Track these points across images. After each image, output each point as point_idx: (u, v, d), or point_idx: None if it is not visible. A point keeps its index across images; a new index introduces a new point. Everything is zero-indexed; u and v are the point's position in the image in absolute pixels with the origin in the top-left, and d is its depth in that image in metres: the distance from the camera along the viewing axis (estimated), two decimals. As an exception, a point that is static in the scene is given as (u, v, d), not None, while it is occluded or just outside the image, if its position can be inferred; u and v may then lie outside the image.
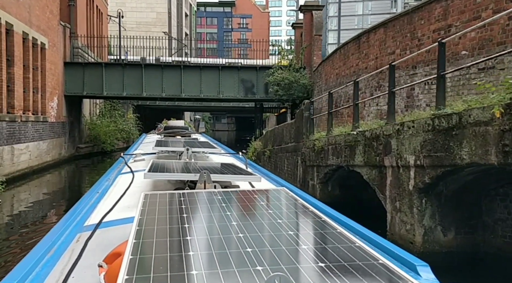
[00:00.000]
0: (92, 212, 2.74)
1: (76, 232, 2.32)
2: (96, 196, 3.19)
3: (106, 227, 2.34)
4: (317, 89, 19.50)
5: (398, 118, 7.65)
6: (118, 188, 3.41)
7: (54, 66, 20.51)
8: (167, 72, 22.76)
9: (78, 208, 2.83)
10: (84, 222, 2.53)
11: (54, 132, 20.53)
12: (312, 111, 11.38)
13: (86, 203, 2.98)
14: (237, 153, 6.17)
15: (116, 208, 2.74)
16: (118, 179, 3.84)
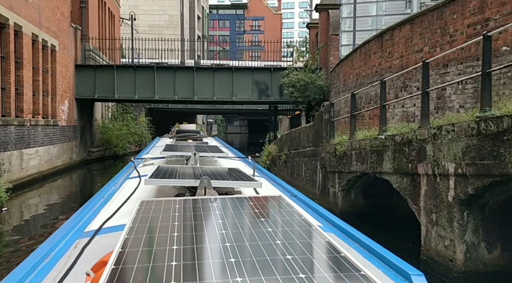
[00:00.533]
0: (94, 217, 2.69)
1: (76, 238, 2.28)
2: (101, 201, 3.14)
3: (106, 233, 2.29)
4: (334, 90, 18.79)
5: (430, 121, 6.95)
6: (124, 193, 3.34)
7: (65, 69, 20.16)
8: (180, 74, 22.26)
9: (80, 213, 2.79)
10: (85, 227, 2.48)
11: (65, 136, 20.15)
12: (332, 113, 10.70)
13: (90, 208, 2.93)
14: (246, 157, 6.07)
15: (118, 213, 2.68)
16: (125, 184, 3.80)
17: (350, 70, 15.00)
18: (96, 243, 2.15)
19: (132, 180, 3.92)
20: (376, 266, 1.82)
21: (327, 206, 10.68)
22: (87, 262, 1.87)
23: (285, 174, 15.40)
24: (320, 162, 11.17)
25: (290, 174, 14.45)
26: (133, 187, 3.46)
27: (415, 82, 9.70)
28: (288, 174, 14.84)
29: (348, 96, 11.81)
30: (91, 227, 2.48)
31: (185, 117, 54.96)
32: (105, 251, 1.89)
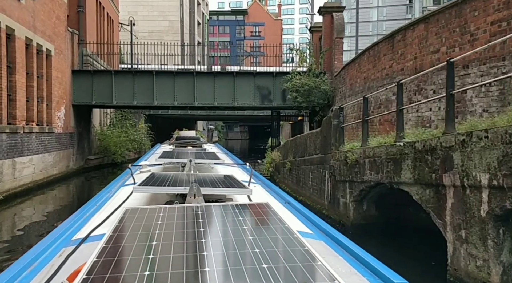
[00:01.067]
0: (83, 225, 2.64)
1: (63, 246, 2.25)
2: (93, 209, 3.09)
3: (92, 242, 2.22)
4: (339, 95, 18.16)
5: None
6: (117, 200, 3.29)
7: (61, 74, 19.56)
8: (180, 79, 21.66)
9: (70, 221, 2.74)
10: (73, 236, 2.44)
11: (61, 143, 19.51)
12: (342, 118, 10.05)
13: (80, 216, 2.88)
14: (244, 163, 6.00)
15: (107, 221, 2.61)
16: (119, 191, 3.77)
17: (357, 73, 14.38)
18: (81, 252, 2.10)
19: (126, 187, 3.87)
20: (361, 273, 1.83)
21: (337, 218, 9.99)
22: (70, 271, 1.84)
23: (290, 183, 14.73)
24: (328, 170, 10.51)
25: (296, 183, 13.78)
26: (126, 195, 3.38)
27: (431, 84, 9.06)
28: (293, 183, 14.17)
29: (357, 101, 11.19)
30: (78, 235, 2.43)
31: (185, 123, 54.40)
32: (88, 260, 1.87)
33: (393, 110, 8.81)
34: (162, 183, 2.98)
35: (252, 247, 1.66)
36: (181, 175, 3.50)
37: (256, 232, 1.88)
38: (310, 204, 12.04)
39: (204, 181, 3.12)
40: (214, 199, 2.89)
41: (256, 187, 3.81)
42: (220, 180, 3.31)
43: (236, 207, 2.31)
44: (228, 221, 2.05)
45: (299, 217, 2.85)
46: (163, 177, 3.32)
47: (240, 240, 1.74)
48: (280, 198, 3.57)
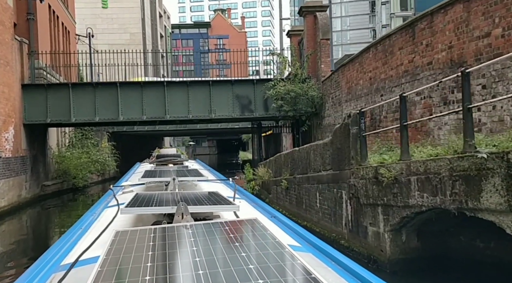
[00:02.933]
0: (71, 250, 2.58)
1: (52, 272, 2.20)
2: (78, 232, 3.02)
3: (82, 266, 2.16)
4: (330, 101, 16.28)
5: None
6: (102, 223, 3.23)
7: (8, 89, 16.75)
8: (148, 91, 19.24)
9: (57, 246, 2.68)
10: (62, 261, 2.38)
11: (10, 169, 16.60)
12: (363, 125, 8.05)
13: (67, 240, 2.83)
14: (227, 179, 5.92)
15: (95, 245, 2.55)
16: (104, 213, 3.69)
17: (359, 74, 12.52)
18: (71, 277, 2.05)
19: (110, 208, 3.80)
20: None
21: (365, 251, 7.90)
22: None
23: (287, 204, 12.58)
24: (347, 190, 8.45)
25: (296, 205, 11.64)
26: (111, 217, 3.33)
27: (479, 78, 7.21)
28: (292, 205, 12.03)
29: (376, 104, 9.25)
30: (67, 260, 2.37)
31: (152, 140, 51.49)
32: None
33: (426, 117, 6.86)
34: (148, 204, 2.94)
35: (246, 263, 1.68)
36: (166, 194, 3.46)
37: (249, 248, 1.90)
38: (319, 231, 9.93)
39: (190, 199, 3.10)
40: (202, 217, 2.85)
41: (242, 202, 3.77)
42: (205, 197, 3.29)
43: (225, 224, 2.33)
44: (219, 238, 2.07)
45: (286, 230, 2.85)
46: (148, 197, 3.28)
47: (234, 257, 1.76)
48: (266, 212, 3.53)
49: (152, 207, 2.83)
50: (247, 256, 1.76)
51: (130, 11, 55.55)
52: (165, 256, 1.82)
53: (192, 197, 3.23)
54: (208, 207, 2.86)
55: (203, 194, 3.47)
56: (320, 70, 18.19)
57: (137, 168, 8.54)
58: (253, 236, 2.09)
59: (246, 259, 1.72)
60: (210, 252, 1.84)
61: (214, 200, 3.13)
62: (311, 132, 18.96)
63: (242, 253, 1.81)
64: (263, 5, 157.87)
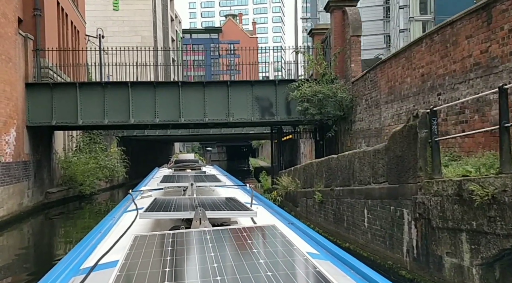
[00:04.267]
0: (90, 254, 2.61)
1: (72, 275, 2.22)
2: (98, 237, 3.04)
3: (101, 270, 2.18)
4: (364, 103, 14.65)
5: None
6: (121, 227, 3.23)
7: (10, 88, 15.36)
8: (161, 91, 17.75)
9: (77, 250, 2.72)
10: (81, 264, 2.42)
11: (10, 176, 15.17)
12: (436, 128, 6.41)
13: (86, 244, 2.85)
14: (244, 184, 5.92)
15: (114, 249, 2.58)
16: (123, 217, 3.68)
17: (405, 71, 10.88)
18: (91, 281, 2.06)
19: (129, 213, 3.79)
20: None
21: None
22: None
23: (321, 221, 10.93)
24: (412, 209, 6.81)
25: (334, 222, 9.98)
26: (130, 221, 3.34)
27: None
28: (328, 222, 10.38)
29: (453, 102, 7.64)
30: (86, 264, 2.40)
31: (162, 146, 50.09)
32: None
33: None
34: (166, 209, 2.94)
35: (264, 271, 1.66)
36: (184, 200, 3.46)
37: (266, 255, 1.88)
38: (367, 256, 8.27)
39: (208, 204, 3.09)
40: (219, 222, 2.84)
41: (259, 208, 3.68)
42: (223, 202, 3.27)
43: (243, 230, 2.32)
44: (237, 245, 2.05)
45: (304, 237, 2.81)
46: (167, 202, 3.28)
47: (252, 264, 1.75)
48: (283, 219, 3.49)
49: (170, 212, 2.84)
50: (265, 263, 1.75)
51: (142, 13, 54.60)
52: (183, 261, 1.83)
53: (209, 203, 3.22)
54: (226, 212, 2.84)
55: (221, 200, 3.45)
56: (349, 70, 16.58)
57: (156, 173, 8.55)
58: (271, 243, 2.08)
59: (264, 266, 1.71)
60: (228, 258, 1.84)
61: (232, 205, 3.12)
62: (338, 138, 17.32)
63: (260, 259, 1.80)
64: (274, 11, 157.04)
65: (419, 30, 50.37)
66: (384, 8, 72.22)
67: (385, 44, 68.53)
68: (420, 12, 49.76)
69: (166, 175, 6.14)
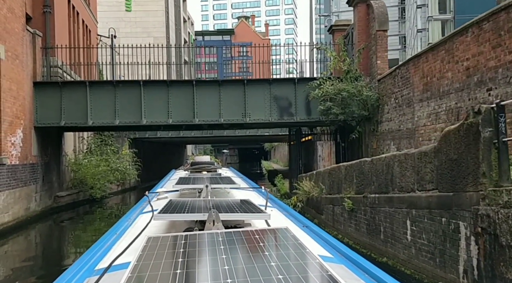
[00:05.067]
0: (105, 254, 2.63)
1: (86, 276, 2.24)
2: (113, 238, 3.06)
3: (115, 271, 2.17)
4: (393, 102, 13.58)
5: None
6: (136, 228, 3.27)
7: (17, 86, 14.61)
8: (175, 90, 16.88)
9: (92, 251, 2.73)
10: (96, 265, 2.43)
11: (16, 179, 14.40)
12: (504, 127, 5.37)
13: (102, 245, 2.86)
14: (260, 187, 5.83)
15: (128, 250, 2.58)
16: (139, 219, 3.75)
17: (445, 65, 9.80)
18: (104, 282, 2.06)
19: (145, 214, 3.85)
20: None
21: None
22: None
23: (351, 231, 9.88)
24: (472, 222, 5.76)
25: (368, 233, 8.93)
26: (145, 223, 3.34)
27: None
28: (360, 232, 9.33)
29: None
30: (101, 265, 2.41)
31: (174, 148, 49.35)
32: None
33: None
34: (181, 210, 2.96)
35: (275, 274, 1.65)
36: (198, 201, 3.46)
37: (278, 257, 1.88)
38: (410, 274, 7.22)
39: (222, 206, 3.09)
40: (233, 224, 2.84)
41: (273, 211, 3.70)
42: (237, 205, 3.26)
43: (256, 232, 2.30)
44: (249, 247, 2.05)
45: (319, 241, 2.80)
46: (182, 204, 3.30)
47: (263, 267, 1.74)
48: (297, 221, 3.49)
49: (185, 214, 2.84)
50: (276, 266, 1.74)
51: (154, 14, 54.09)
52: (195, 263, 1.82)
53: (224, 205, 3.20)
54: (239, 215, 2.84)
55: (235, 202, 3.43)
56: (374, 67, 15.52)
57: (172, 175, 8.59)
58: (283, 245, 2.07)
59: (275, 269, 1.70)
60: (239, 261, 1.83)
61: (246, 208, 3.11)
62: (361, 140, 16.25)
63: (271, 262, 1.80)
64: (287, 12, 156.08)
65: (438, 30, 48.98)
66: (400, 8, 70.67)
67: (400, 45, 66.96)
68: (439, 11, 48.39)
69: (182, 177, 6.08)
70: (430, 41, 47.41)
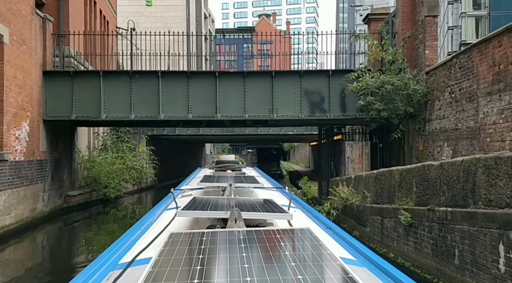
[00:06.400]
0: (129, 249, 2.67)
1: (110, 270, 2.27)
2: (137, 233, 3.10)
3: (138, 266, 2.20)
4: (447, 97, 11.73)
5: None
6: (160, 224, 3.30)
7: (23, 75, 13.26)
8: (196, 83, 15.34)
9: (116, 245, 2.78)
10: (120, 259, 2.46)
11: (21, 177, 13.06)
12: None
13: (126, 240, 2.91)
14: (283, 187, 5.86)
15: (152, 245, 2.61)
16: (163, 215, 3.78)
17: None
18: (127, 276, 2.09)
19: (169, 211, 3.86)
20: None
21: None
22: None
23: (408, 250, 8.11)
24: None
25: (435, 255, 7.16)
26: (169, 219, 3.38)
27: None
28: (422, 253, 7.56)
29: None
30: (125, 259, 2.45)
31: (192, 147, 47.98)
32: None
33: None
34: (204, 208, 2.99)
35: (295, 274, 1.65)
36: (221, 199, 3.49)
37: (298, 258, 1.88)
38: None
39: (244, 205, 3.10)
40: (255, 223, 2.86)
41: (296, 211, 3.70)
42: (260, 204, 3.28)
43: (277, 232, 2.31)
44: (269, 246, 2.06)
45: (341, 243, 2.77)
46: (205, 201, 3.33)
47: (283, 266, 1.75)
48: (321, 223, 3.46)
49: (207, 211, 2.86)
50: (296, 266, 1.74)
51: (175, 9, 52.87)
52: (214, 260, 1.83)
53: (246, 203, 3.21)
54: (261, 214, 2.84)
55: (258, 201, 3.44)
56: (421, 58, 13.66)
57: (197, 173, 8.79)
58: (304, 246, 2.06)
59: (295, 269, 1.70)
60: (259, 259, 1.84)
61: (268, 207, 3.09)
62: (403, 140, 14.42)
63: (291, 262, 1.79)
64: (308, 11, 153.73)
65: (471, 27, 46.42)
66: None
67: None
68: (473, 7, 45.83)
69: (207, 175, 6.21)
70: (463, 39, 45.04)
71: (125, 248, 2.66)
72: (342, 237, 2.89)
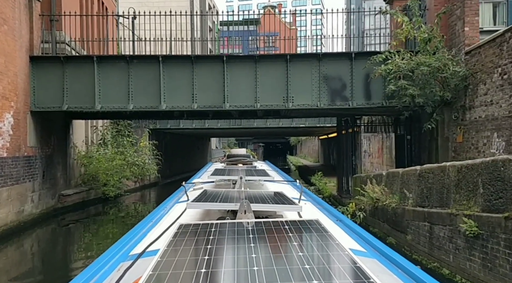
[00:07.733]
0: (140, 241, 2.69)
1: (121, 261, 2.30)
2: (149, 225, 3.14)
3: (148, 257, 2.23)
4: (495, 79, 10.00)
5: None
6: (171, 217, 3.34)
7: (5, 59, 11.65)
8: (201, 69, 13.67)
9: (127, 237, 2.79)
10: (131, 251, 2.49)
11: (4, 175, 11.50)
12: None
13: (137, 232, 2.93)
14: (294, 180, 5.89)
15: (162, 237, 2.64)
16: (174, 207, 3.83)
17: None
18: (138, 266, 2.11)
19: (180, 204, 3.93)
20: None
21: None
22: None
23: (474, 267, 6.41)
24: None
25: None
26: (180, 211, 3.43)
27: None
28: (495, 272, 5.87)
29: None
30: (135, 250, 2.48)
31: (197, 141, 46.34)
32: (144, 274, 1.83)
33: None
34: (214, 200, 3.01)
35: (302, 263, 1.66)
36: (232, 192, 3.52)
37: (306, 248, 1.89)
38: None
39: (254, 197, 3.12)
40: (264, 215, 2.86)
41: (307, 204, 3.71)
42: (270, 196, 3.31)
43: (286, 223, 2.32)
44: (277, 237, 2.07)
45: (352, 235, 2.77)
46: (215, 193, 3.35)
47: (290, 256, 1.76)
48: (331, 215, 3.46)
49: (217, 203, 2.89)
50: (304, 256, 1.75)
51: (178, -1, 51.04)
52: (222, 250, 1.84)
53: (256, 196, 3.22)
54: (270, 206, 2.86)
55: (268, 194, 3.47)
56: (460, 36, 11.91)
57: (209, 167, 8.73)
58: (312, 237, 2.06)
59: (303, 259, 1.71)
60: (267, 250, 1.85)
61: (278, 199, 3.11)
62: (437, 131, 12.70)
63: (299, 252, 1.80)
64: (314, 2, 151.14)
65: (489, 13, 44.41)
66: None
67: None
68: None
69: (218, 168, 6.23)
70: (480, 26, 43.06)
71: (136, 240, 2.70)
72: (353, 229, 2.87)
